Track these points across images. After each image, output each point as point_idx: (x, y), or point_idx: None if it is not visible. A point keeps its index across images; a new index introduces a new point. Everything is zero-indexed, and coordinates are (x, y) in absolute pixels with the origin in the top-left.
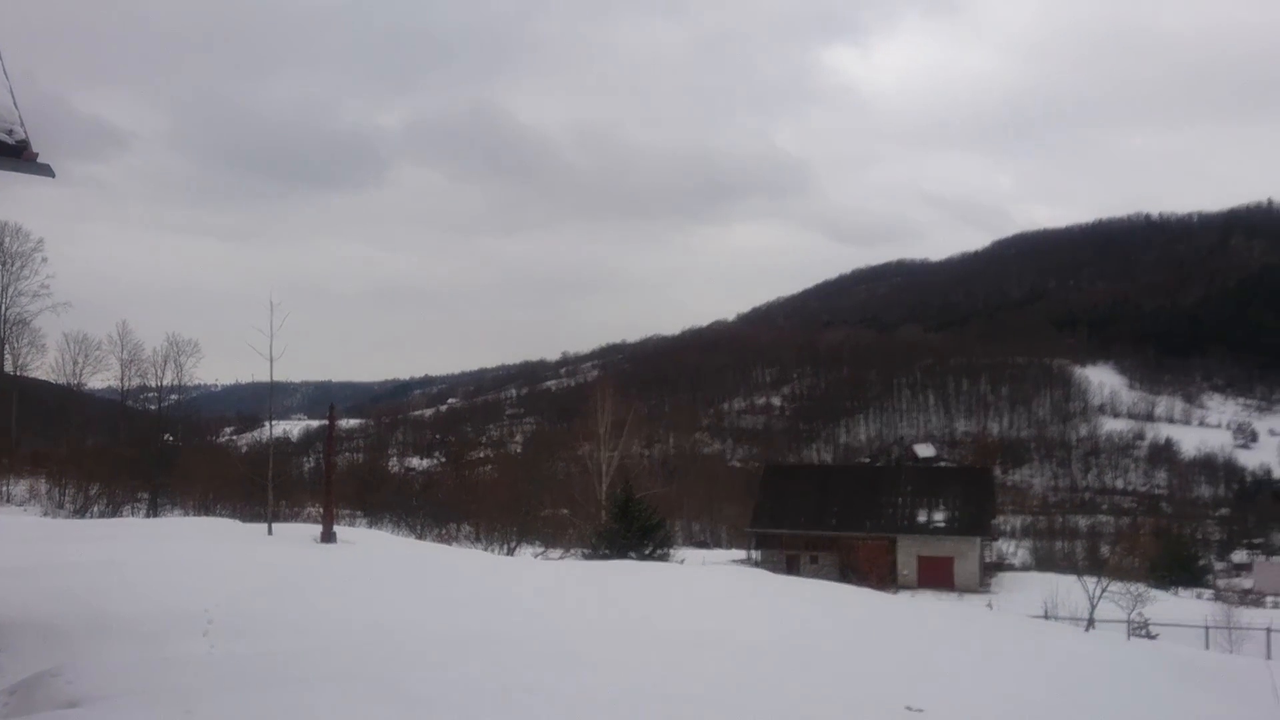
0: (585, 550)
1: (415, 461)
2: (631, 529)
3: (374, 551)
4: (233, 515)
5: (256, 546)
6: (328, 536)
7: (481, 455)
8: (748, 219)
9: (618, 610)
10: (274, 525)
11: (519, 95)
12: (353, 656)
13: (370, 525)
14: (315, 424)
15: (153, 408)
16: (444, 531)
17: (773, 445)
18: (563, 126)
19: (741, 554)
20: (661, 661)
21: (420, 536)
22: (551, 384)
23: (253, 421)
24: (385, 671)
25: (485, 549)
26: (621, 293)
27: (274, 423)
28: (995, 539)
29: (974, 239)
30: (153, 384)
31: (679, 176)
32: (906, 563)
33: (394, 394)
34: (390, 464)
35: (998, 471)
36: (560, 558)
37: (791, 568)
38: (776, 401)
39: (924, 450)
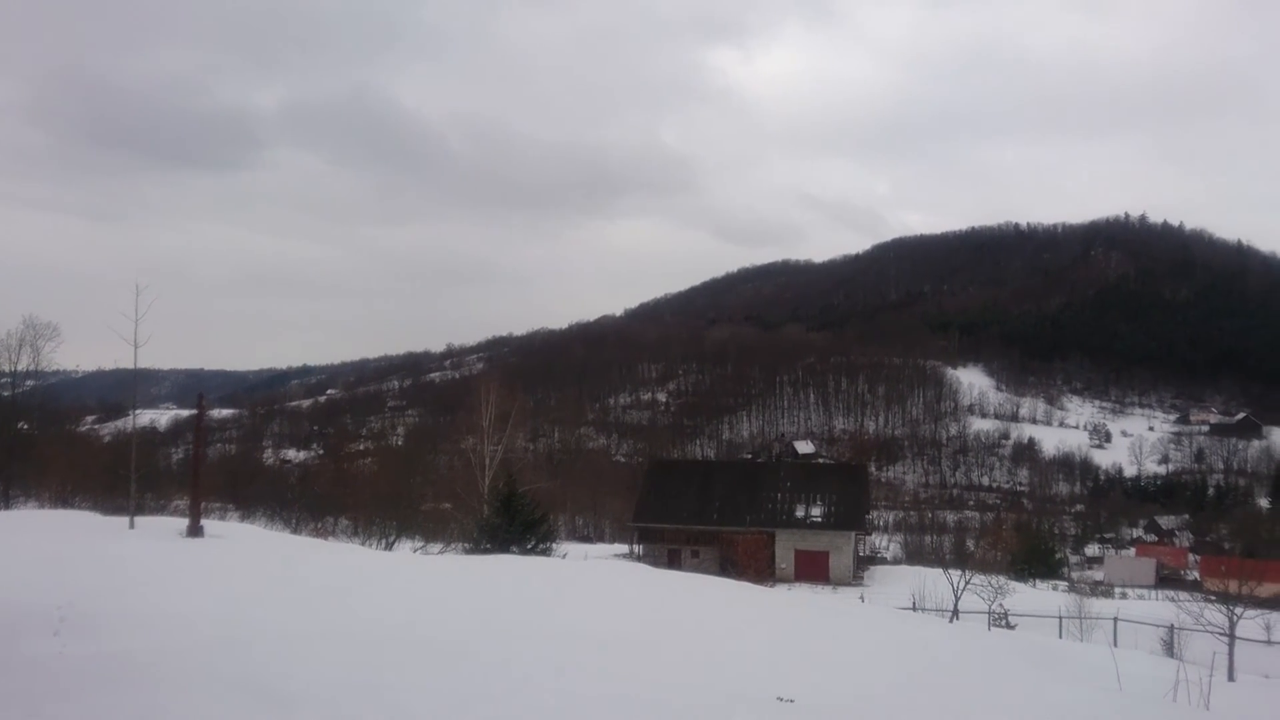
0: (467, 544)
1: (292, 453)
2: (514, 523)
3: (243, 546)
4: (93, 508)
5: (116, 541)
6: (194, 530)
7: (361, 447)
8: (635, 215)
9: (497, 605)
10: (138, 519)
11: (402, 81)
12: (215, 655)
13: (243, 519)
14: (185, 413)
15: (6, 394)
16: (320, 525)
17: (657, 440)
18: (448, 115)
19: (624, 548)
20: (537, 656)
21: (295, 530)
22: (435, 376)
23: (117, 410)
24: (250, 670)
25: (363, 543)
26: (509, 285)
27: (141, 411)
28: (869, 533)
29: (855, 242)
30: (6, 369)
31: (566, 170)
32: (784, 556)
33: (270, 384)
34: (265, 456)
35: (873, 468)
36: (440, 552)
37: (673, 562)
38: (662, 397)
39: (804, 447)
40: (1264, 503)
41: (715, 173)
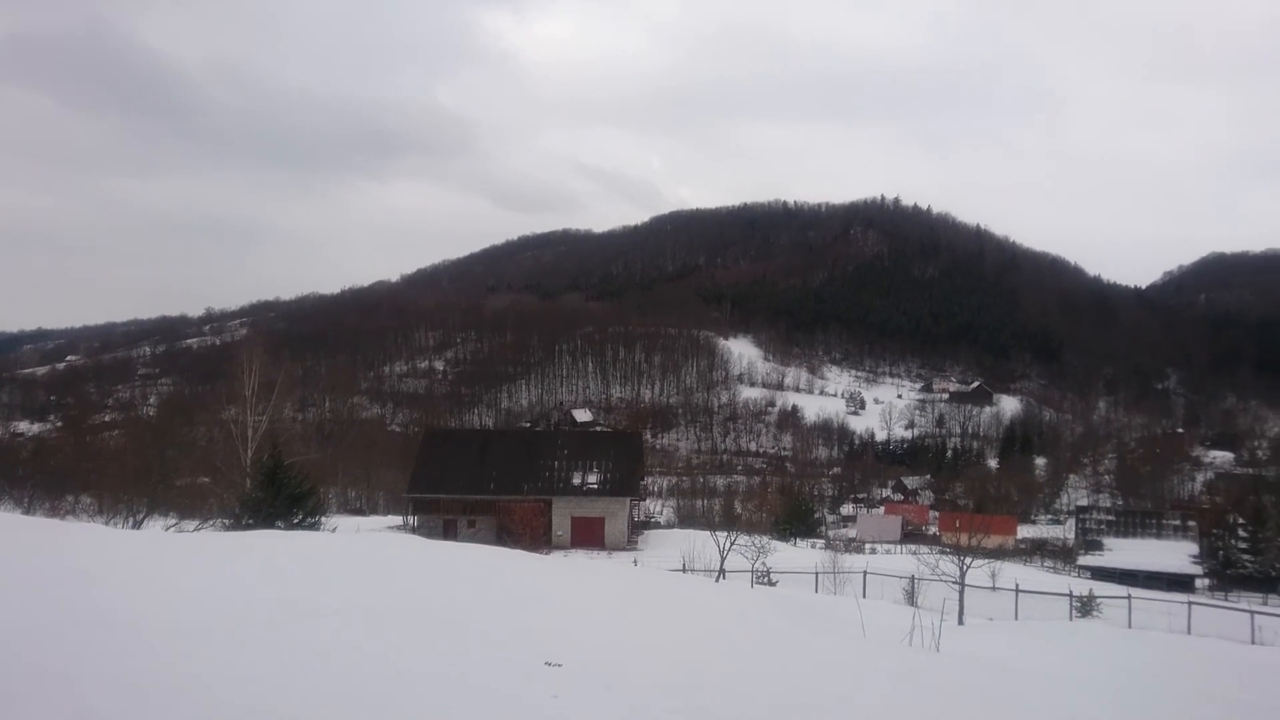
0: (226, 521)
1: (24, 425)
2: (279, 497)
3: None
4: None
5: None
6: None
7: (107, 419)
8: (410, 177)
9: (254, 582)
10: None
11: (148, 17)
12: None
13: None
14: None
15: None
16: (57, 504)
17: (434, 409)
18: (204, 60)
19: (399, 520)
20: (297, 632)
21: (28, 511)
22: (193, 342)
23: None
24: None
25: (107, 523)
26: (276, 247)
27: None
28: (644, 499)
29: (633, 214)
30: None
31: (340, 128)
32: (561, 523)
33: None
34: None
35: (648, 435)
36: (196, 529)
37: (449, 532)
38: (439, 365)
39: (582, 415)
40: (993, 463)
41: (494, 138)
